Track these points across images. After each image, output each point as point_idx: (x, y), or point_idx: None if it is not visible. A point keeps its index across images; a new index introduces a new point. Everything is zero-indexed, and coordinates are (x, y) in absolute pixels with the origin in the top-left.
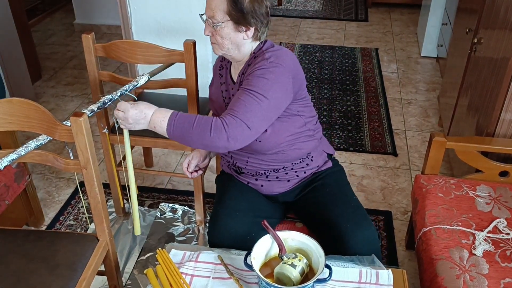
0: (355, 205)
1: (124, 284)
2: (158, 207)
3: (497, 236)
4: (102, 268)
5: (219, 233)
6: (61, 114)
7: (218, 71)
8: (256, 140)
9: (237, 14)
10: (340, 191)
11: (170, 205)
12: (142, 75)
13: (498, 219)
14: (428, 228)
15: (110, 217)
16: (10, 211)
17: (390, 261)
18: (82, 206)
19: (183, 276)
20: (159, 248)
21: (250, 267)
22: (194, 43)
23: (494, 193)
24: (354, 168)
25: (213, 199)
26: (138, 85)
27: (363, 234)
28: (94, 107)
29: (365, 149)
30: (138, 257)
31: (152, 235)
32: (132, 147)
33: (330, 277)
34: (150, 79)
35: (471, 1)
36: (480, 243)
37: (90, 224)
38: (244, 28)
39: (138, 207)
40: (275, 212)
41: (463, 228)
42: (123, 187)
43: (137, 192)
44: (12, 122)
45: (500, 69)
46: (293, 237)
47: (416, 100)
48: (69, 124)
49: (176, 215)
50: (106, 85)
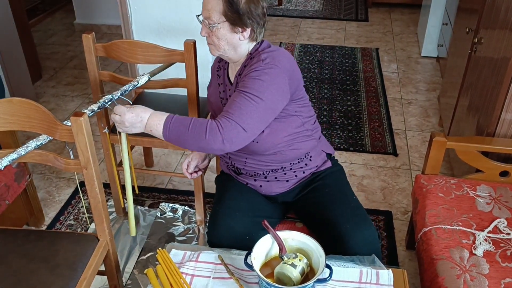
0: (355, 205)
1: (124, 284)
2: (158, 207)
3: (498, 236)
4: (103, 268)
5: (218, 233)
6: (61, 114)
7: (216, 71)
8: (253, 141)
9: (233, 15)
10: (339, 191)
11: (171, 205)
12: (143, 75)
13: (498, 219)
14: (429, 228)
15: (111, 217)
16: (10, 211)
17: (390, 261)
18: (82, 206)
19: (184, 276)
20: (160, 248)
21: (250, 267)
22: (195, 43)
23: (495, 193)
24: (355, 168)
25: (213, 199)
26: (139, 85)
27: (363, 234)
28: (94, 107)
29: (366, 149)
30: (138, 257)
31: (152, 235)
32: (132, 147)
33: (331, 277)
34: (151, 79)
35: (472, 1)
36: (480, 243)
37: (90, 224)
38: (240, 29)
39: (139, 207)
40: (274, 212)
41: (464, 228)
42: (124, 187)
43: (137, 192)
44: (12, 122)
45: (501, 69)
46: (294, 237)
47: (416, 100)
48: (69, 124)
49: (176, 215)
50: (107, 85)
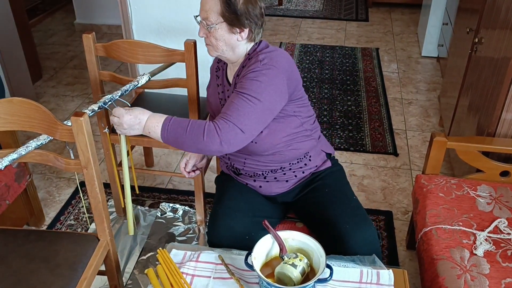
0: (355, 205)
1: (124, 284)
2: (158, 207)
3: (498, 236)
4: (103, 268)
5: (218, 233)
6: (61, 114)
7: (215, 72)
8: (252, 141)
9: (230, 15)
10: (339, 191)
11: (171, 205)
12: (143, 75)
13: (499, 219)
14: (429, 228)
15: (111, 217)
16: (10, 211)
17: (390, 261)
18: (82, 206)
19: (184, 276)
20: (160, 248)
21: (251, 267)
22: (195, 43)
23: (495, 193)
24: (355, 168)
25: (213, 199)
26: (139, 85)
27: (362, 234)
28: (94, 107)
29: (366, 149)
30: (138, 257)
31: (152, 235)
32: (132, 147)
33: (331, 277)
34: (151, 79)
35: (472, 1)
36: (481, 243)
37: (90, 224)
38: (238, 30)
39: (139, 207)
40: (274, 212)
41: (464, 228)
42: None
43: (137, 192)
44: (12, 122)
45: (501, 69)
46: (294, 237)
47: (416, 100)
48: (69, 124)
49: (176, 215)
50: (107, 85)
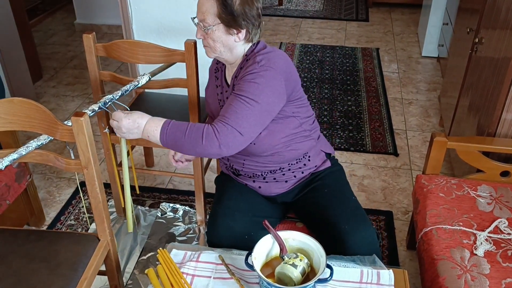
0: (354, 206)
1: (125, 284)
2: (159, 207)
3: (498, 236)
4: (103, 268)
5: (218, 233)
6: (62, 114)
7: (214, 73)
8: (250, 142)
9: (227, 17)
10: (338, 192)
11: (171, 205)
12: (143, 75)
13: (499, 219)
14: (429, 228)
15: (111, 217)
16: (11, 210)
17: (391, 261)
18: (83, 206)
19: (184, 276)
20: (160, 248)
21: (251, 267)
22: (195, 43)
23: (495, 193)
24: (355, 168)
25: (213, 199)
26: (139, 85)
27: (361, 235)
28: (95, 107)
29: (366, 149)
30: (139, 257)
31: (153, 235)
32: (132, 147)
33: (331, 277)
34: (151, 79)
35: (472, 1)
36: (481, 243)
37: (91, 224)
38: (235, 31)
39: (139, 207)
40: (274, 212)
41: (464, 228)
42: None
43: (138, 192)
44: (13, 122)
45: (501, 69)
46: (294, 237)
47: (417, 100)
48: (70, 124)
49: (177, 215)
50: (107, 85)
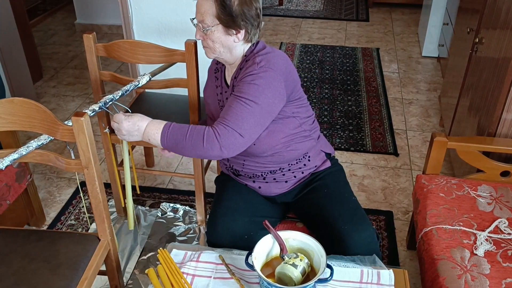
0: (354, 206)
1: (125, 284)
2: (159, 207)
3: (499, 236)
4: (104, 268)
5: (217, 233)
6: (62, 114)
7: (214, 73)
8: None
9: (226, 17)
10: (338, 192)
11: (171, 205)
12: (143, 75)
13: (499, 219)
14: (430, 228)
15: (111, 217)
16: (11, 210)
17: (391, 261)
18: (83, 206)
19: (184, 276)
20: (160, 248)
21: (251, 267)
22: (195, 43)
23: (496, 193)
24: (355, 168)
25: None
26: (139, 85)
27: (361, 235)
28: (95, 107)
29: (366, 149)
30: (139, 257)
31: (153, 235)
32: (133, 147)
33: (332, 277)
34: (151, 79)
35: (472, 1)
36: (481, 243)
37: (91, 224)
38: (234, 31)
39: (140, 207)
40: (274, 212)
41: (465, 228)
42: (124, 187)
43: (138, 192)
44: (13, 122)
45: (502, 69)
46: (294, 237)
47: (417, 100)
48: (70, 124)
49: (177, 215)
50: (107, 85)
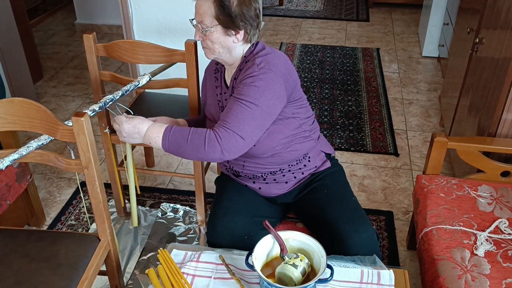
0: (353, 206)
1: (125, 284)
2: (159, 207)
3: (499, 236)
4: (104, 268)
5: (217, 233)
6: (62, 114)
7: (214, 74)
8: None
9: (225, 18)
10: (338, 192)
11: (171, 205)
12: (143, 75)
13: (499, 219)
14: (430, 228)
15: (111, 217)
16: (11, 211)
17: (391, 261)
18: (83, 206)
19: (185, 276)
20: (161, 248)
21: (251, 267)
22: (195, 43)
23: (496, 193)
24: (355, 168)
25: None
26: (140, 85)
27: (361, 236)
28: (95, 107)
29: (366, 149)
30: (139, 257)
31: (153, 235)
32: (133, 147)
33: (332, 277)
34: (151, 79)
35: (473, 1)
36: (481, 243)
37: (91, 224)
38: (233, 32)
39: (140, 207)
40: (274, 212)
41: (465, 228)
42: (124, 187)
43: (139, 192)
44: (13, 122)
45: (502, 69)
46: (295, 237)
47: (417, 100)
48: (70, 124)
49: (177, 215)
50: (107, 85)
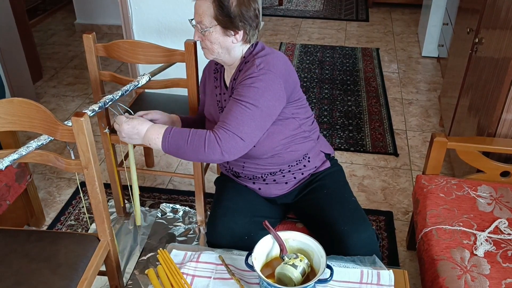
0: (353, 206)
1: (125, 284)
2: (159, 208)
3: (499, 237)
4: (103, 268)
5: (217, 233)
6: (62, 114)
7: (213, 74)
8: None
9: (224, 18)
10: (338, 193)
11: (171, 205)
12: (143, 75)
13: (499, 220)
14: (429, 228)
15: (111, 217)
16: (11, 211)
17: (391, 261)
18: (83, 206)
19: (184, 276)
20: (160, 248)
21: (251, 267)
22: (195, 43)
23: (496, 193)
24: (355, 168)
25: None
26: (139, 85)
27: (361, 236)
28: (95, 107)
29: (366, 149)
30: (139, 257)
31: (153, 235)
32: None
33: (332, 278)
34: (151, 79)
35: (472, 1)
36: (481, 243)
37: (91, 224)
38: (232, 32)
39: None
40: (274, 212)
41: (464, 229)
42: (124, 187)
43: (139, 192)
44: (13, 122)
45: (501, 69)
46: (294, 238)
47: (417, 100)
48: (70, 124)
49: (177, 216)
50: (107, 85)
